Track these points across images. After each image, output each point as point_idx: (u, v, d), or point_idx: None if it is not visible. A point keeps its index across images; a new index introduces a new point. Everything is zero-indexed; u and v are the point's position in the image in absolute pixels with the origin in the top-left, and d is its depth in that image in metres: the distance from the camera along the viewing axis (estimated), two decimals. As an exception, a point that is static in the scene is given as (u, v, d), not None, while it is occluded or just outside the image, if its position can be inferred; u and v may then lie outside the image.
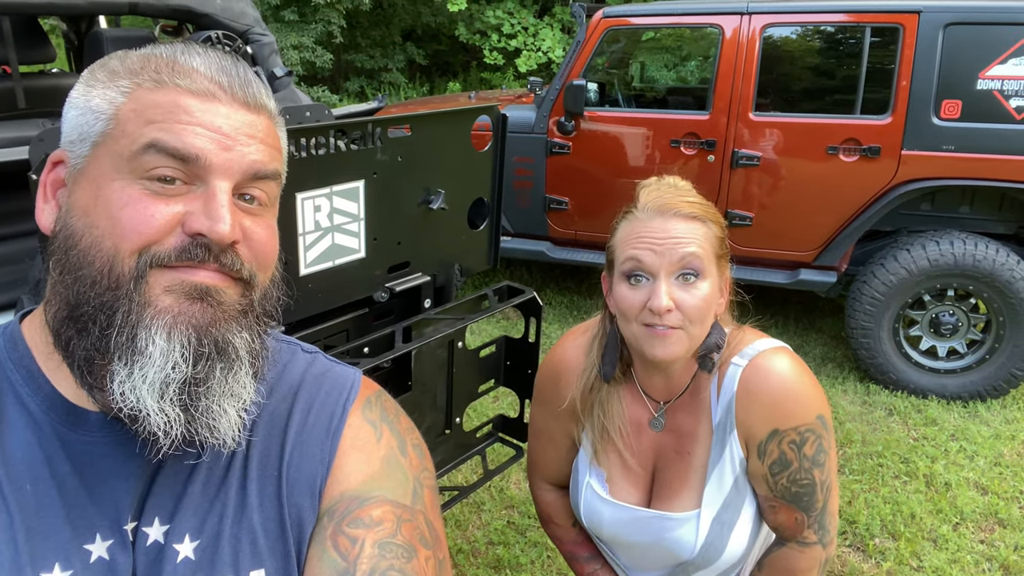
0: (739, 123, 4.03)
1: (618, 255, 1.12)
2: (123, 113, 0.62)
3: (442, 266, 1.88)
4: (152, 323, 0.60)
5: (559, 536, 1.40)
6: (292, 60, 10.46)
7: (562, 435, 1.32)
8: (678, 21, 4.46)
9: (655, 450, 1.22)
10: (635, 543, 1.23)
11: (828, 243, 3.95)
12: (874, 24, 3.76)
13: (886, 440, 3.40)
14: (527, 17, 11.34)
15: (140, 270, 0.60)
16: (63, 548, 0.62)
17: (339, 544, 0.67)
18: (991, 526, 2.85)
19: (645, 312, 1.08)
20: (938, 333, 3.78)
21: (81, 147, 0.64)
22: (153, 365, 0.59)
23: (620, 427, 1.21)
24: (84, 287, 0.60)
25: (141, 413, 0.60)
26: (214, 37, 2.21)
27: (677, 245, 1.06)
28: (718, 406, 1.14)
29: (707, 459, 1.16)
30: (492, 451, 2.00)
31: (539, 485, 1.42)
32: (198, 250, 0.61)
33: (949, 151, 3.62)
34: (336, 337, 1.67)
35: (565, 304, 4.93)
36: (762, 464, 1.13)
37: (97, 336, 0.60)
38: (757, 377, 1.11)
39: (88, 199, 0.62)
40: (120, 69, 0.65)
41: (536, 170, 4.53)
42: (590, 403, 1.23)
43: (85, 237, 0.61)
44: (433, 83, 12.82)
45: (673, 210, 1.08)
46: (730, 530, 1.16)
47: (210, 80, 0.64)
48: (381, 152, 1.59)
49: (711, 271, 1.09)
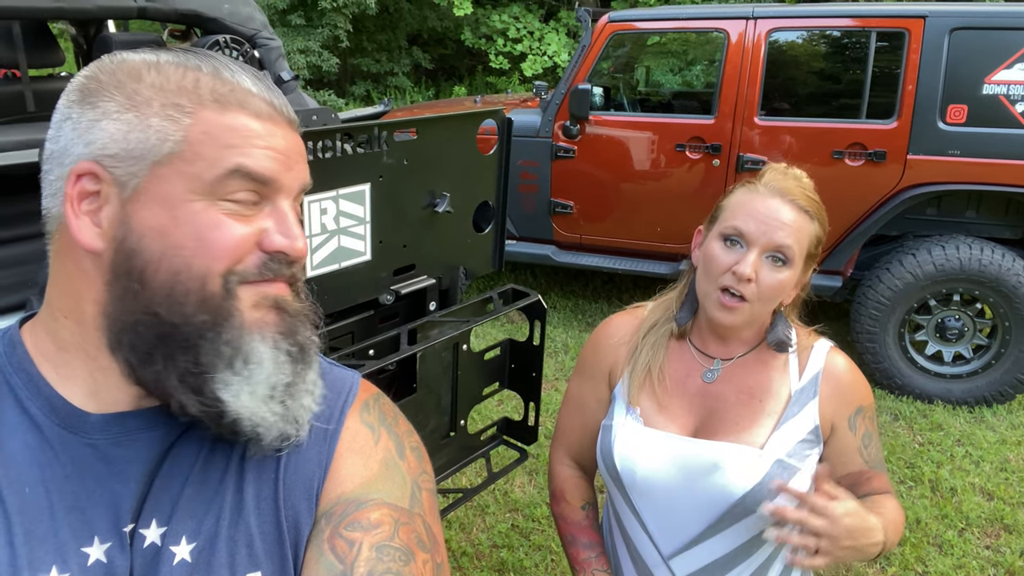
0: (745, 127, 4.03)
1: (725, 215, 1.19)
2: (194, 135, 0.63)
3: (447, 269, 1.88)
4: (253, 336, 0.65)
5: (565, 515, 1.40)
6: (298, 64, 10.51)
7: (592, 399, 1.36)
8: (684, 25, 4.46)
9: (707, 396, 1.24)
10: (672, 486, 1.20)
11: (833, 247, 3.95)
12: (880, 29, 3.76)
13: (891, 445, 3.39)
14: (532, 22, 11.37)
15: (230, 288, 0.64)
16: (60, 551, 0.62)
17: (336, 547, 0.67)
18: (997, 532, 2.84)
19: (728, 274, 1.15)
20: (944, 338, 3.77)
21: (134, 165, 0.63)
22: (263, 373, 0.65)
23: (663, 368, 1.27)
24: (176, 306, 0.62)
25: (243, 417, 0.64)
26: (222, 41, 2.23)
27: (780, 229, 1.14)
28: (801, 376, 1.23)
29: (782, 411, 1.21)
30: (496, 454, 2.00)
31: (559, 458, 1.44)
32: (275, 265, 0.66)
33: (955, 156, 3.62)
34: (342, 339, 1.68)
35: (570, 308, 4.93)
36: (855, 437, 1.23)
37: (203, 351, 0.63)
38: (840, 362, 1.25)
39: (164, 220, 0.62)
40: (170, 86, 0.64)
41: (541, 174, 4.54)
42: (639, 347, 1.29)
43: (169, 259, 0.62)
44: (438, 87, 12.86)
45: (790, 197, 1.15)
46: (790, 476, 1.16)
47: (265, 102, 0.67)
48: (387, 155, 1.60)
49: (798, 265, 1.17)
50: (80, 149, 0.63)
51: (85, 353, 0.66)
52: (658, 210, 4.30)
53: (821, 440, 1.21)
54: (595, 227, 4.52)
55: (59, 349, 0.66)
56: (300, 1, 11.01)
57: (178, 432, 0.68)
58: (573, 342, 4.35)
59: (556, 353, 4.20)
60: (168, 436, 0.68)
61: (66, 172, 0.64)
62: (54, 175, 0.65)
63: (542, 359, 1.88)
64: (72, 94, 0.66)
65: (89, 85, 0.65)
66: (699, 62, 7.35)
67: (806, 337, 1.28)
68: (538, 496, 2.99)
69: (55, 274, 0.67)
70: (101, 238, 0.63)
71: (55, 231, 0.66)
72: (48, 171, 0.66)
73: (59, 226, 0.65)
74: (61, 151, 0.65)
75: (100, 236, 0.63)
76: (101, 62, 0.67)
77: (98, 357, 0.65)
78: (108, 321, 0.64)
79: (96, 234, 0.63)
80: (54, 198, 0.65)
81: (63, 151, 0.64)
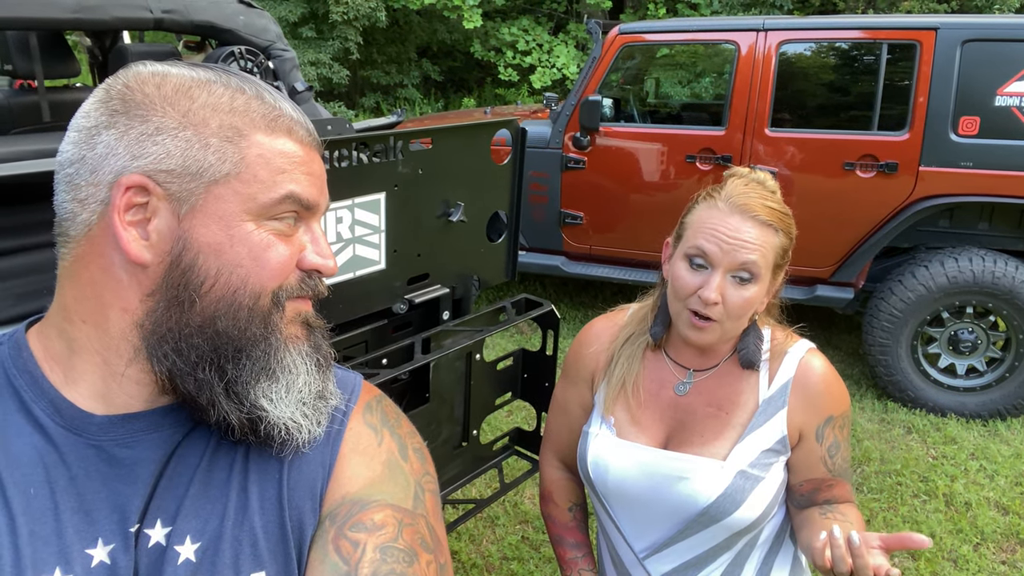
0: (755, 139, 4.03)
1: (688, 235, 1.19)
2: (251, 158, 0.66)
3: (461, 278, 1.88)
4: (292, 349, 0.70)
5: (553, 516, 1.44)
6: (310, 76, 10.57)
7: (575, 403, 1.38)
8: (694, 38, 4.48)
9: (677, 408, 1.26)
10: (641, 493, 1.24)
11: (845, 259, 3.93)
12: (891, 41, 3.76)
13: (905, 459, 3.36)
14: (542, 34, 11.43)
15: (277, 304, 0.68)
16: (64, 552, 0.62)
17: (341, 548, 0.68)
18: (1012, 547, 2.81)
19: (694, 298, 1.15)
20: (957, 351, 3.74)
21: (191, 182, 0.64)
22: (298, 382, 0.70)
23: (636, 381, 1.28)
24: (230, 320, 0.66)
25: (280, 423, 0.68)
26: (237, 52, 2.24)
27: (742, 248, 1.13)
28: (770, 387, 1.23)
29: (747, 422, 1.21)
30: (508, 465, 1.99)
31: (548, 460, 1.47)
32: (311, 282, 0.71)
33: (967, 167, 3.61)
34: (355, 348, 1.68)
35: (579, 319, 4.92)
36: (821, 447, 1.22)
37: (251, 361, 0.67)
38: (813, 369, 1.22)
39: (220, 238, 0.65)
40: (223, 106, 0.66)
41: (551, 185, 4.54)
42: (616, 357, 1.31)
43: (227, 276, 0.65)
44: (448, 99, 12.91)
45: (751, 213, 1.14)
46: (753, 486, 1.18)
47: (304, 128, 0.71)
48: (402, 165, 1.61)
49: (765, 277, 1.17)
50: (125, 161, 0.64)
51: (102, 358, 0.66)
52: (668, 221, 4.23)
53: (788, 448, 1.23)
54: (605, 238, 4.52)
55: (71, 352, 0.67)
56: (311, 14, 11.10)
57: (183, 433, 0.69)
58: (583, 353, 4.32)
59: (566, 364, 4.19)
60: (173, 437, 0.68)
61: (105, 180, 0.64)
62: (83, 180, 0.65)
63: (555, 369, 1.87)
64: (113, 103, 0.65)
65: (133, 97, 0.65)
66: (709, 74, 7.36)
67: (783, 340, 1.26)
68: (548, 508, 2.97)
69: (74, 278, 0.67)
70: (150, 251, 0.64)
71: (80, 236, 0.66)
72: (74, 175, 0.65)
73: (87, 232, 0.65)
74: (98, 158, 0.64)
75: (148, 249, 0.64)
76: (139, 73, 0.67)
77: (115, 362, 0.66)
78: (144, 330, 0.65)
79: (144, 247, 0.64)
80: (81, 204, 0.65)
81: (100, 159, 0.64)
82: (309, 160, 0.70)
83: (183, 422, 0.69)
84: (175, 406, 0.68)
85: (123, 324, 0.65)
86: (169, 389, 0.67)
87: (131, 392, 0.67)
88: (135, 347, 0.65)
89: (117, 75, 0.68)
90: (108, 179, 0.64)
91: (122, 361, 0.66)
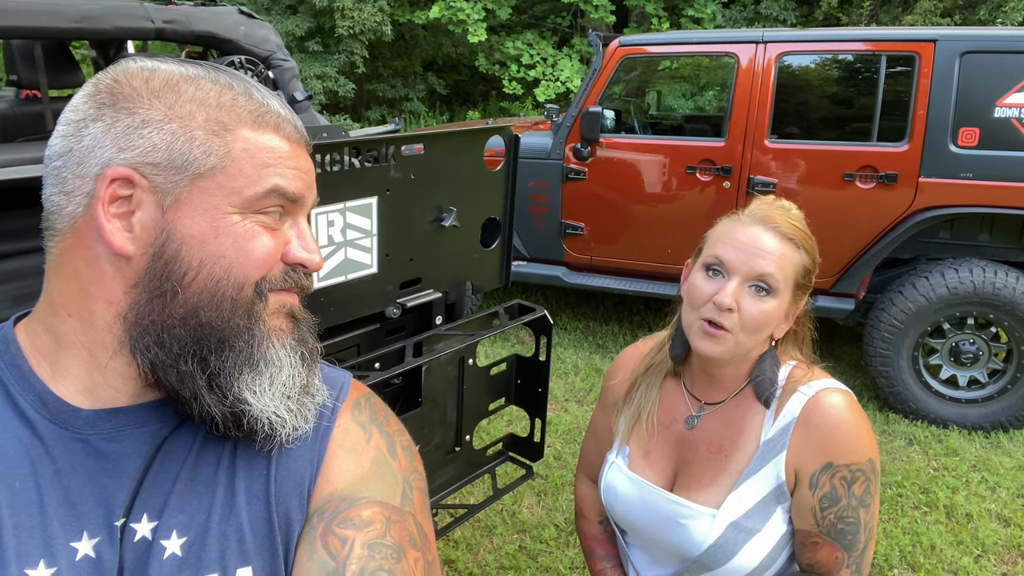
0: (755, 150, 4.04)
1: (707, 246, 1.18)
2: (236, 152, 0.67)
3: (454, 283, 1.89)
4: (273, 341, 0.70)
5: (584, 530, 1.48)
6: (315, 89, 10.66)
7: (604, 428, 1.41)
8: (694, 50, 4.50)
9: (683, 445, 1.24)
10: (645, 526, 1.24)
11: (846, 270, 3.93)
12: (890, 53, 3.77)
13: (906, 470, 3.34)
14: (546, 48, 11.50)
15: (260, 295, 0.69)
16: (48, 545, 0.62)
17: (329, 544, 0.68)
18: (1014, 559, 2.78)
19: (709, 305, 1.12)
20: (958, 362, 3.72)
21: (176, 175, 0.65)
22: (283, 375, 0.69)
23: (651, 412, 1.27)
24: (213, 311, 0.66)
25: (263, 416, 0.68)
26: (237, 62, 2.27)
27: (761, 258, 1.11)
28: (773, 425, 1.16)
29: (744, 468, 1.16)
30: (503, 473, 1.99)
31: (580, 478, 1.51)
32: (295, 275, 0.71)
33: (967, 179, 3.60)
34: (347, 351, 1.68)
35: (580, 329, 4.92)
36: (812, 496, 1.13)
37: (234, 353, 0.67)
38: (819, 409, 1.12)
39: (204, 230, 0.65)
40: (210, 101, 0.67)
41: (552, 195, 4.56)
42: (635, 386, 1.31)
43: (209, 266, 0.65)
44: (452, 112, 12.99)
45: (772, 224, 1.12)
46: (747, 539, 1.14)
47: (291, 125, 0.72)
48: (394, 170, 1.62)
49: (784, 295, 1.13)
50: (112, 153, 0.64)
51: (88, 351, 0.66)
52: (668, 231, 4.30)
53: (788, 495, 1.15)
54: (606, 248, 4.52)
55: (58, 346, 0.67)
56: (318, 28, 11.21)
57: (170, 428, 0.69)
58: (583, 363, 4.33)
59: (566, 374, 4.19)
60: (160, 432, 0.68)
61: (91, 172, 0.64)
62: (70, 173, 0.65)
63: (548, 375, 1.87)
64: (101, 96, 0.66)
65: (121, 90, 0.65)
66: (710, 86, 7.39)
67: (800, 377, 1.17)
68: (546, 517, 2.96)
69: (60, 271, 0.67)
70: (133, 243, 0.64)
71: (66, 228, 0.66)
72: (61, 167, 0.66)
73: (73, 225, 0.65)
74: (84, 151, 0.65)
75: (132, 240, 0.64)
76: (127, 68, 0.67)
77: (100, 355, 0.66)
78: (127, 323, 0.65)
79: (128, 238, 0.64)
80: (68, 197, 0.65)
81: (87, 151, 0.64)
82: (295, 156, 0.70)
83: (170, 418, 0.69)
84: (162, 402, 0.68)
85: (108, 316, 0.65)
86: (153, 383, 0.66)
87: (116, 385, 0.67)
88: (119, 339, 0.65)
89: (107, 70, 0.68)
90: (94, 171, 0.64)
91: (106, 354, 0.66)
